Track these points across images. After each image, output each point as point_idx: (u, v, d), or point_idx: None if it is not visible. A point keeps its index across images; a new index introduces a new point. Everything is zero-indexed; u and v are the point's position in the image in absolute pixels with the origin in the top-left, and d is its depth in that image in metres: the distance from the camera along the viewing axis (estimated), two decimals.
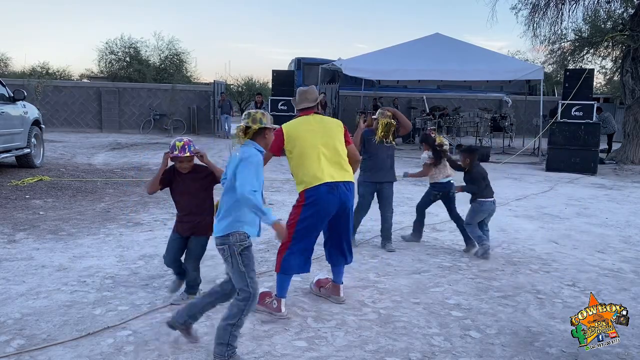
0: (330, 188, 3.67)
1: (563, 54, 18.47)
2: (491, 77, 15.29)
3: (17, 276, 4.28)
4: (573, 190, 9.59)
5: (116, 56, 28.67)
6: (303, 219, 3.70)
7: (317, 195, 3.66)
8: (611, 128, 16.21)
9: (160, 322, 3.49)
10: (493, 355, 3.23)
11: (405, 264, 4.99)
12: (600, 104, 17.78)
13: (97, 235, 5.58)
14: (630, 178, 11.55)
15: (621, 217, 7.32)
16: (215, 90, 19.96)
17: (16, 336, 3.26)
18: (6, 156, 8.97)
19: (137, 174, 9.84)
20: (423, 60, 14.66)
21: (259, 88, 34.49)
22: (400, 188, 9.11)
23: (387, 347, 3.28)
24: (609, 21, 17.38)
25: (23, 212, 6.51)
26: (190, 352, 3.13)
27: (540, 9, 15.82)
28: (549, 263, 5.12)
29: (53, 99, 19.48)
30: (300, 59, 21.94)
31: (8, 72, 29.10)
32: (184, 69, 30.49)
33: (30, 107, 10.16)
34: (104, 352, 3.09)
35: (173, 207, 4.16)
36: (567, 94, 12.09)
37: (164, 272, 4.49)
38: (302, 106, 3.98)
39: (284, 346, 3.25)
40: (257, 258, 4.95)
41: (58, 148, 13.56)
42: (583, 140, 11.91)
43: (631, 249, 5.72)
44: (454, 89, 22.14)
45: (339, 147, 3.87)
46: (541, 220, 6.96)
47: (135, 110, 20.05)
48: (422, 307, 3.94)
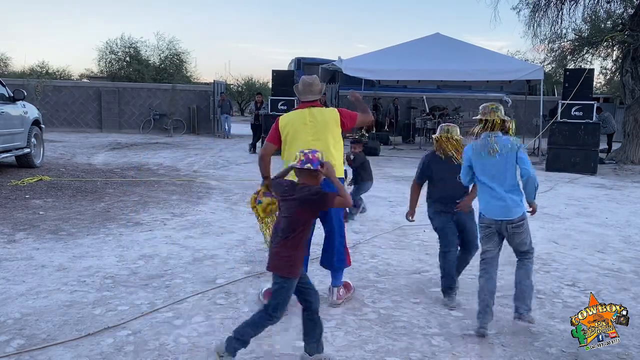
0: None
1: (563, 53, 18.46)
2: (491, 77, 15.27)
3: (17, 276, 4.28)
4: (573, 190, 9.59)
5: (116, 56, 28.68)
6: None
7: None
8: (611, 128, 16.20)
9: (159, 322, 3.49)
10: (493, 355, 3.23)
11: (405, 264, 4.99)
12: (600, 104, 17.77)
13: (97, 235, 5.58)
14: (630, 178, 11.54)
15: (621, 217, 7.32)
16: (215, 90, 19.96)
17: (16, 336, 3.26)
18: (6, 156, 8.96)
19: (137, 174, 9.84)
20: (423, 60, 14.65)
21: (259, 88, 34.45)
22: (400, 188, 9.12)
23: (387, 347, 3.28)
24: (608, 21, 17.37)
25: (23, 212, 6.51)
26: (190, 352, 3.13)
27: (541, 8, 15.82)
28: (549, 263, 5.12)
29: (53, 99, 19.47)
30: (300, 59, 21.93)
31: (8, 72, 29.10)
32: (184, 69, 30.50)
33: (30, 107, 10.16)
34: (104, 352, 3.09)
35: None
36: (567, 94, 12.08)
37: (163, 272, 4.49)
38: (306, 98, 3.99)
39: (284, 346, 3.25)
40: (257, 258, 4.96)
41: (58, 148, 13.56)
42: (583, 140, 11.90)
43: (631, 249, 5.72)
44: (454, 89, 22.13)
45: (330, 142, 3.85)
46: (541, 220, 6.95)
47: (135, 110, 20.05)
48: (422, 307, 3.94)
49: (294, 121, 3.89)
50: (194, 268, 4.63)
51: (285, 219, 2.88)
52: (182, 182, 9.03)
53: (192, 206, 7.08)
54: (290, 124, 3.88)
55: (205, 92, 20.69)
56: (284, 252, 2.85)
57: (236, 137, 18.53)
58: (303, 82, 4.04)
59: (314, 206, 2.88)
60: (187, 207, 6.99)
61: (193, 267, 4.65)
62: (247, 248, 5.30)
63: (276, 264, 2.87)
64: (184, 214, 6.66)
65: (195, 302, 3.87)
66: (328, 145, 3.83)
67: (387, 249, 5.44)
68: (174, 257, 4.93)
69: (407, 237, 5.94)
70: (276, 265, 2.87)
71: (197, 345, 3.21)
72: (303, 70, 21.08)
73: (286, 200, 2.90)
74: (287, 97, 13.92)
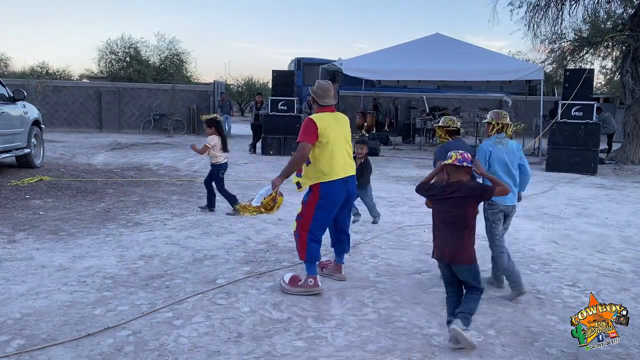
0: (342, 182, 4.08)
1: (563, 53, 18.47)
2: (491, 77, 15.27)
3: (17, 276, 4.28)
4: (573, 190, 9.59)
5: (116, 56, 28.70)
6: (319, 211, 4.05)
7: (331, 189, 4.03)
8: (611, 128, 16.20)
9: (160, 322, 3.50)
10: (493, 355, 3.23)
11: (405, 264, 4.99)
12: (600, 104, 17.77)
13: (97, 235, 5.58)
14: (630, 178, 11.54)
15: (621, 217, 7.32)
16: (215, 91, 19.96)
17: (16, 336, 3.26)
18: (6, 156, 8.97)
19: (137, 174, 9.84)
20: (423, 60, 14.65)
21: (259, 88, 34.47)
22: (400, 188, 9.12)
23: (387, 347, 3.28)
24: (608, 21, 17.38)
25: (23, 212, 6.51)
26: (190, 352, 3.13)
27: (541, 8, 15.82)
28: (549, 263, 5.12)
29: (53, 99, 19.47)
30: (300, 59, 21.92)
31: (8, 72, 29.11)
32: (184, 69, 30.51)
33: (30, 107, 10.16)
34: (104, 352, 3.09)
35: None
36: (567, 94, 12.08)
37: (163, 272, 4.49)
38: (326, 102, 4.21)
39: (284, 346, 3.25)
40: (257, 258, 4.96)
41: (58, 148, 13.56)
42: (583, 140, 11.90)
43: (631, 249, 5.72)
44: (454, 89, 22.11)
45: (350, 143, 4.28)
46: (541, 220, 6.96)
47: (135, 110, 20.05)
48: (422, 307, 3.94)
49: (330, 124, 4.10)
50: (194, 268, 4.63)
51: (452, 214, 3.29)
52: (182, 182, 9.04)
53: (192, 206, 7.08)
54: (329, 127, 4.08)
55: (205, 92, 20.68)
56: (468, 242, 3.29)
57: (236, 137, 18.53)
58: (321, 87, 4.22)
59: (479, 199, 3.35)
60: (187, 207, 6.99)
61: (193, 267, 4.65)
62: (247, 248, 5.30)
63: (469, 254, 3.29)
64: (184, 214, 6.66)
65: (195, 302, 3.87)
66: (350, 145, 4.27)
67: (387, 249, 5.44)
68: (174, 257, 4.93)
69: (407, 237, 5.94)
70: (469, 255, 3.29)
71: (197, 345, 3.21)
72: (303, 71, 21.09)
73: (448, 199, 3.30)
74: (287, 97, 13.93)
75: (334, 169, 4.04)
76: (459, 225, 3.27)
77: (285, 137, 13.80)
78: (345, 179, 4.10)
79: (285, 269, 4.67)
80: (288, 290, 4.10)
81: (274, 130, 13.84)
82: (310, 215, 4.06)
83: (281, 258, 5.00)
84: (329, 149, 4.04)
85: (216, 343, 3.26)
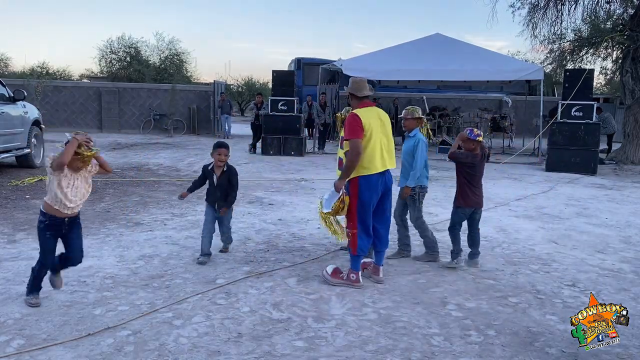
0: (380, 175, 4.19)
1: (562, 54, 18.46)
2: (491, 77, 15.28)
3: (17, 276, 4.28)
4: (573, 190, 9.59)
5: (116, 56, 28.67)
6: (361, 205, 4.18)
7: (370, 182, 4.15)
8: (611, 128, 16.19)
9: (159, 322, 3.50)
10: (493, 355, 3.23)
11: (405, 264, 4.99)
12: (600, 104, 17.77)
13: (97, 235, 5.58)
14: (630, 178, 11.54)
15: (621, 217, 7.32)
16: (215, 91, 19.96)
17: (16, 336, 3.26)
18: (6, 156, 8.97)
19: (137, 174, 9.84)
20: (423, 60, 14.65)
21: (259, 88, 34.49)
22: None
23: (387, 347, 3.28)
24: (608, 21, 17.38)
25: (23, 212, 6.51)
26: (190, 352, 3.13)
27: (540, 8, 15.82)
28: (549, 263, 5.13)
29: (53, 99, 19.48)
30: (300, 59, 21.92)
31: (8, 72, 29.09)
32: (184, 69, 30.45)
33: (30, 107, 10.16)
34: (104, 352, 3.09)
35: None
36: (567, 94, 12.08)
37: (163, 272, 4.49)
38: (364, 93, 4.29)
39: (284, 346, 3.25)
40: (257, 258, 4.96)
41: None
42: (583, 140, 11.90)
43: (631, 249, 5.72)
44: (454, 89, 22.13)
45: (390, 138, 4.36)
46: (541, 221, 6.96)
47: (135, 110, 20.05)
48: (422, 307, 3.94)
49: (371, 119, 4.18)
50: (194, 268, 4.63)
51: (479, 175, 4.78)
52: (182, 183, 9.03)
53: (192, 206, 7.07)
54: (373, 122, 4.17)
55: (206, 92, 20.68)
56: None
57: (236, 137, 18.53)
58: (356, 81, 4.35)
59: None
60: (187, 207, 6.99)
61: (193, 267, 4.65)
62: (247, 248, 5.30)
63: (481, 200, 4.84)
64: (184, 214, 6.66)
65: (195, 302, 3.87)
66: (390, 140, 4.36)
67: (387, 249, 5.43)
68: (174, 257, 4.93)
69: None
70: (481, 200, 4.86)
71: (197, 345, 3.21)
72: (303, 71, 21.09)
73: (480, 162, 4.75)
74: (287, 98, 13.93)
75: (374, 163, 4.14)
76: (480, 179, 4.79)
77: (285, 137, 13.80)
78: (383, 172, 4.22)
79: (286, 269, 4.67)
80: (330, 281, 4.30)
81: (274, 130, 13.84)
82: (354, 210, 4.20)
83: (281, 258, 5.00)
84: (371, 143, 4.12)
85: (216, 343, 3.26)
